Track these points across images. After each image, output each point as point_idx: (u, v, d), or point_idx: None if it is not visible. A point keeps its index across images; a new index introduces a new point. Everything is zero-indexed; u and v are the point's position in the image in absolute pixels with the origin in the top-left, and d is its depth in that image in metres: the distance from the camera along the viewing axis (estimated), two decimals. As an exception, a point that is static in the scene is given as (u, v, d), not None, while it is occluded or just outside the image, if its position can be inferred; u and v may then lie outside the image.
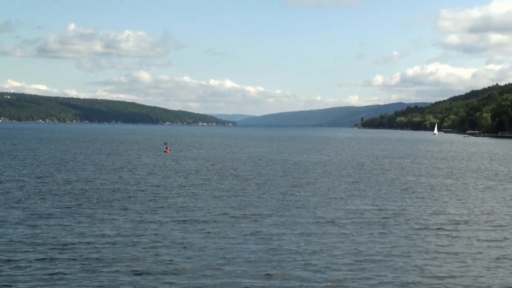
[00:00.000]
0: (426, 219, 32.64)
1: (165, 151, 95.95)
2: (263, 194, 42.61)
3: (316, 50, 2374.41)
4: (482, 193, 46.55)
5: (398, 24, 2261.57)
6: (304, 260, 22.77)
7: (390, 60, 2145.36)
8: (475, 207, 38.37)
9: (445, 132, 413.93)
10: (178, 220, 30.60)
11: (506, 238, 27.79)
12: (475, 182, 56.31)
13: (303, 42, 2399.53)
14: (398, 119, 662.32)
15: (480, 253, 24.66)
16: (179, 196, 40.33)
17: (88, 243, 24.71)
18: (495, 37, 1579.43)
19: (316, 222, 30.84)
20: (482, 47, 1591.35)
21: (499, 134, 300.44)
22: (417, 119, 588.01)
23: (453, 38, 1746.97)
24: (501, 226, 31.07)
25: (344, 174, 60.72)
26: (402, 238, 27.20)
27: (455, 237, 27.93)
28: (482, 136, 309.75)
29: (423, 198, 42.42)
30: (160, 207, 35.01)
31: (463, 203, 40.28)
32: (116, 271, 20.67)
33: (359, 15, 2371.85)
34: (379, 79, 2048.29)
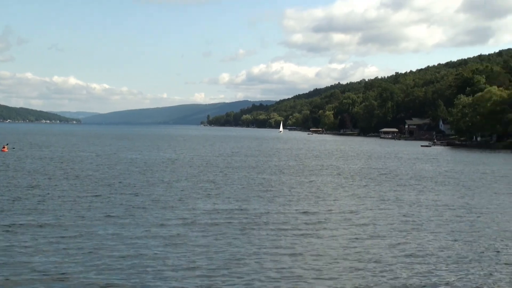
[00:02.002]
0: (286, 219, 30.93)
1: (1, 150, 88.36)
2: (112, 194, 39.13)
3: (163, 47, 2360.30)
4: (336, 191, 45.73)
5: (244, 23, 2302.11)
6: (148, 263, 20.13)
7: (236, 58, 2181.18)
8: (332, 205, 37.30)
9: (289, 129, 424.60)
10: (19, 224, 27.00)
11: (369, 235, 26.47)
12: (329, 179, 55.61)
13: (150, 39, 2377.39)
14: (244, 116, 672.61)
15: (343, 252, 23.75)
16: (20, 199, 35.87)
17: None
18: (338, 37, 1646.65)
19: (162, 225, 28.33)
20: (325, 46, 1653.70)
21: (341, 131, 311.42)
22: (262, 116, 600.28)
23: (297, 37, 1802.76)
24: (364, 224, 29.86)
25: (195, 173, 57.95)
26: (264, 239, 25.53)
27: (317, 236, 26.54)
28: (325, 134, 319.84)
29: (278, 196, 40.84)
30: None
31: (319, 201, 38.97)
32: None
33: (206, 13, 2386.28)
34: (225, 77, 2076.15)
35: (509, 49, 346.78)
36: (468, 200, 41.42)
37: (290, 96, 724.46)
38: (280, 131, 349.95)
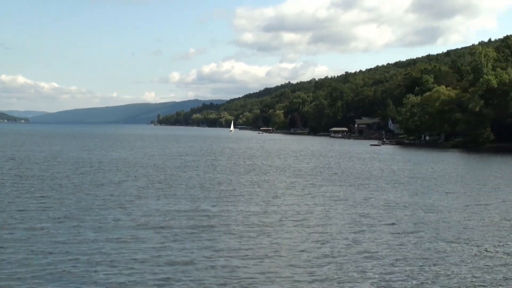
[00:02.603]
0: (239, 219, 30.77)
1: None
2: (61, 195, 38.24)
3: (113, 46, 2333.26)
4: (289, 190, 45.62)
5: (194, 21, 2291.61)
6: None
7: (187, 57, 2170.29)
8: (285, 204, 37.16)
9: (240, 129, 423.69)
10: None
11: (322, 235, 26.39)
12: (282, 179, 55.41)
13: (99, 37, 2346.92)
14: (194, 116, 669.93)
15: (298, 251, 23.71)
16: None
17: None
18: (288, 36, 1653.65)
19: (113, 225, 27.70)
20: (276, 45, 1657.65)
21: (291, 130, 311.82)
22: (213, 116, 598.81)
23: (248, 37, 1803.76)
24: (318, 224, 29.79)
25: (146, 174, 57.22)
26: (217, 240, 25.39)
27: (271, 236, 26.24)
28: (275, 133, 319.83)
29: (231, 196, 40.53)
30: None
31: (273, 201, 38.76)
32: None
33: (156, 10, 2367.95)
34: (176, 76, 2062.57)
35: (456, 49, 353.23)
36: (418, 199, 41.64)
37: (240, 96, 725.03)
38: (231, 130, 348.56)
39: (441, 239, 26.92)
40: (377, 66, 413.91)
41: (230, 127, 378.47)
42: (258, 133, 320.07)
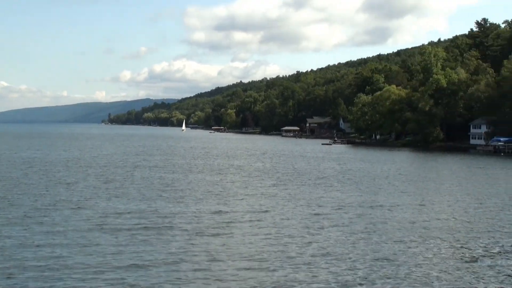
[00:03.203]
0: (194, 219, 30.40)
1: None
2: (12, 195, 37.38)
3: (63, 44, 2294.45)
4: (244, 190, 45.26)
5: (145, 19, 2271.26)
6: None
7: (138, 56, 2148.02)
8: (241, 204, 36.89)
9: (192, 128, 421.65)
10: None
11: (278, 234, 26.29)
12: (237, 178, 55.11)
13: (49, 35, 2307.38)
14: (146, 115, 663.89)
15: (254, 251, 23.71)
16: None
17: None
18: (239, 36, 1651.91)
19: (66, 226, 26.94)
20: (227, 45, 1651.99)
21: (243, 129, 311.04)
22: (164, 115, 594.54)
23: (199, 36, 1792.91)
24: (273, 223, 29.58)
25: (98, 173, 56.41)
26: (172, 240, 25.19)
27: (227, 236, 26.38)
28: (227, 132, 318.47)
29: (186, 196, 40.00)
30: None
31: (227, 201, 38.47)
32: None
33: (106, 8, 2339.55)
34: (127, 74, 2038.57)
35: (407, 49, 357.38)
36: (370, 198, 41.74)
37: (192, 95, 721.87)
38: (183, 130, 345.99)
39: (392, 239, 27.04)
40: (328, 65, 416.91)
41: (181, 126, 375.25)
42: (210, 132, 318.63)
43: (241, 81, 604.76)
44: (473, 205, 38.90)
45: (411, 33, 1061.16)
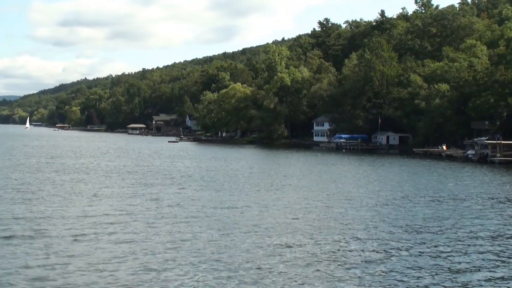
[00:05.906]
0: (53, 224, 28.01)
1: None
2: None
3: None
4: (100, 191, 42.53)
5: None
6: None
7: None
8: (100, 205, 34.81)
9: (35, 125, 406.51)
10: None
11: (142, 236, 25.31)
12: (90, 178, 51.97)
13: None
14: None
15: (119, 255, 22.24)
16: None
17: None
18: (85, 31, 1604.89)
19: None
20: (72, 41, 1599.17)
21: (88, 127, 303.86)
22: (6, 112, 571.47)
23: (43, 31, 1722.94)
24: (137, 224, 28.38)
25: None
26: (27, 245, 23.18)
27: (92, 240, 24.59)
28: (71, 130, 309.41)
29: (40, 198, 37.10)
30: None
31: (75, 203, 36.06)
32: None
33: None
34: None
35: (252, 48, 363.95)
36: (216, 195, 41.44)
37: (35, 92, 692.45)
38: (27, 128, 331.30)
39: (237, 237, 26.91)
40: (174, 63, 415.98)
41: (25, 124, 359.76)
42: (54, 130, 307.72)
43: (86, 78, 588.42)
44: (322, 201, 39.37)
45: (257, 31, 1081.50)
